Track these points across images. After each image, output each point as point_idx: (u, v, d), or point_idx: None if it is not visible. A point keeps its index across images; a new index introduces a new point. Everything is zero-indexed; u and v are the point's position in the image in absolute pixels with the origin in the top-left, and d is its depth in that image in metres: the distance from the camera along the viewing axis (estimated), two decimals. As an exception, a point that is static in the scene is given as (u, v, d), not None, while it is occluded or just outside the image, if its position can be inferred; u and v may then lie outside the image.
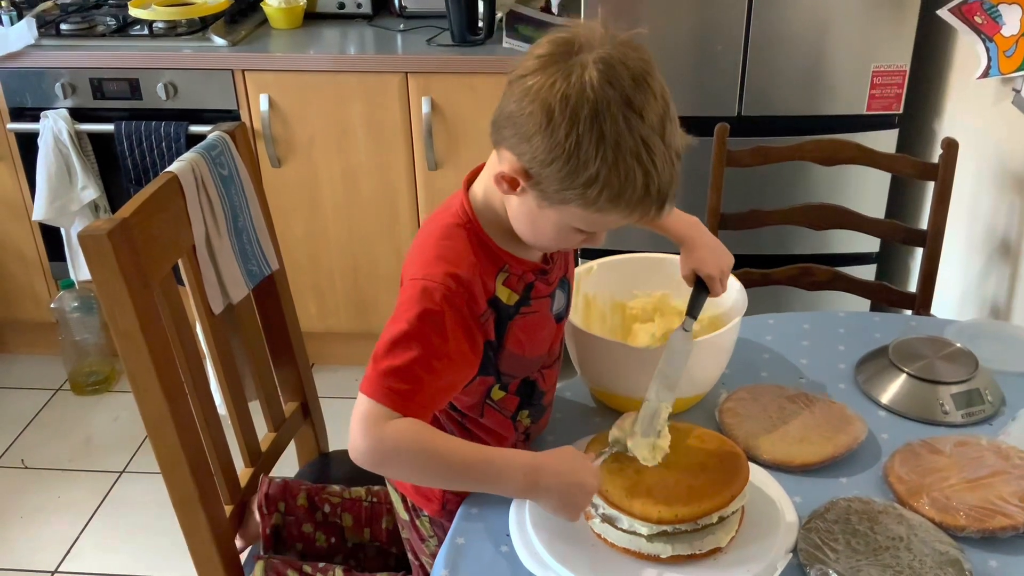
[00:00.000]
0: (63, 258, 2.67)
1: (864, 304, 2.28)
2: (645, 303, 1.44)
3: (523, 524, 1.12)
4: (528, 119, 0.97)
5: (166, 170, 1.34)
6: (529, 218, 1.06)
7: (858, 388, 1.38)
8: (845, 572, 1.03)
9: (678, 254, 1.45)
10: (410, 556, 1.37)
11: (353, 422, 1.03)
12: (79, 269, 2.64)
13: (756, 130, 2.23)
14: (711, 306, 1.40)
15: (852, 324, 1.54)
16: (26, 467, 2.51)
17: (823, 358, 1.45)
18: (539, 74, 0.97)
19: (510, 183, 1.03)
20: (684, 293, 1.42)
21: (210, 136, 1.46)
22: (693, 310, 1.27)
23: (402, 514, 1.32)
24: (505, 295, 1.11)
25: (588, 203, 0.99)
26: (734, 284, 1.36)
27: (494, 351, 1.12)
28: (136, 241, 1.21)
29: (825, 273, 1.95)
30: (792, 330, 1.52)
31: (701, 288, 1.29)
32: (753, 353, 1.46)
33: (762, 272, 1.95)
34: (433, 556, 1.26)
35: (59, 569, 2.19)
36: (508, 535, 1.12)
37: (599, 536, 1.09)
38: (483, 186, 1.12)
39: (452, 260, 1.07)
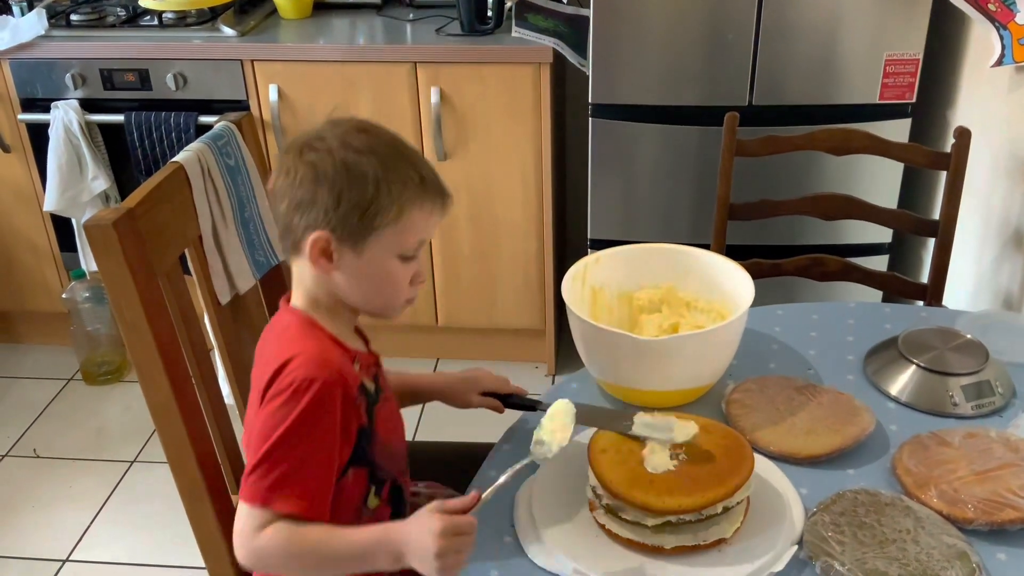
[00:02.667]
0: (74, 248, 2.69)
1: (875, 295, 2.26)
2: (652, 294, 1.43)
3: (528, 515, 1.12)
4: (300, 188, 1.06)
5: (172, 160, 1.34)
6: (359, 277, 1.10)
7: (867, 379, 1.37)
8: (851, 564, 1.02)
9: (687, 244, 1.44)
10: None
11: (234, 532, 1.05)
12: (90, 260, 2.66)
13: (767, 119, 2.21)
14: (718, 297, 1.39)
15: (861, 315, 1.53)
16: (38, 456, 2.53)
17: (832, 349, 1.44)
18: (290, 163, 1.07)
19: (324, 253, 1.07)
20: (691, 284, 1.42)
21: (216, 126, 1.46)
22: (534, 405, 1.31)
23: None
24: (368, 383, 1.13)
25: (389, 214, 1.06)
26: (742, 274, 1.35)
27: (367, 439, 1.12)
28: (142, 231, 1.21)
29: (836, 264, 1.94)
30: (801, 321, 1.51)
31: (501, 398, 1.33)
32: (761, 344, 1.45)
33: (772, 263, 1.94)
34: None
35: (70, 558, 2.21)
36: (512, 526, 1.12)
37: (603, 527, 1.09)
38: (302, 295, 1.13)
39: (319, 351, 1.07)
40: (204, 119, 2.44)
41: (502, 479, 1.05)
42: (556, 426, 1.09)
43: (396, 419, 1.21)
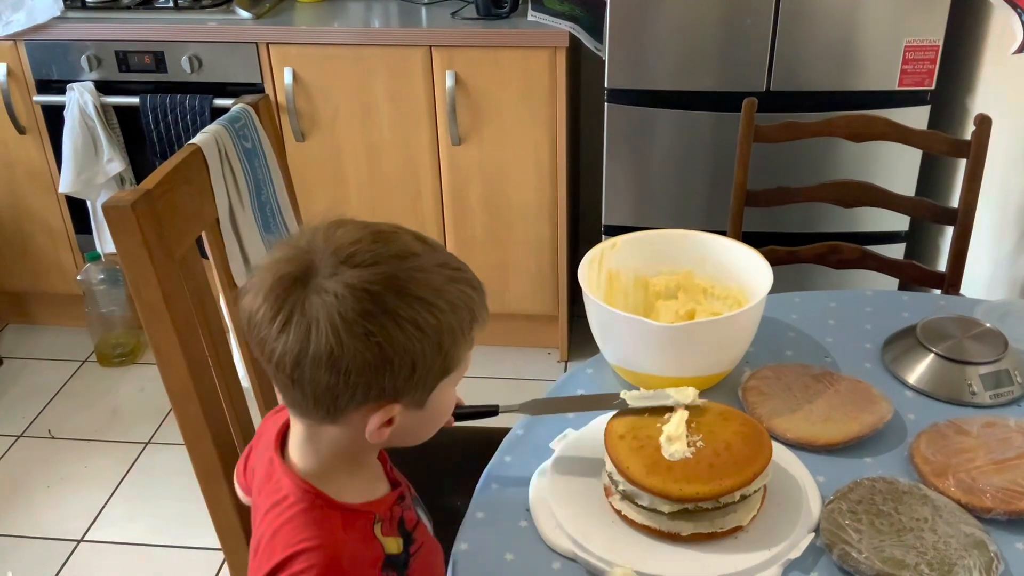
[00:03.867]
0: (89, 231, 2.69)
1: (892, 283, 2.25)
2: (669, 280, 1.43)
3: (543, 499, 1.12)
4: (356, 361, 0.83)
5: (189, 142, 1.34)
6: (416, 426, 0.94)
7: (885, 368, 1.36)
8: (868, 552, 1.02)
9: (704, 230, 1.44)
10: None
11: None
12: (105, 242, 2.66)
13: (785, 105, 2.20)
14: (735, 284, 1.39)
15: (879, 303, 1.52)
16: (53, 437, 2.54)
17: (849, 337, 1.43)
18: (296, 323, 0.82)
19: (387, 423, 0.90)
20: (709, 271, 1.42)
21: (233, 108, 1.46)
22: (492, 411, 1.21)
23: None
24: (393, 545, 0.95)
25: (464, 351, 0.91)
26: (760, 261, 1.35)
27: None
28: (160, 212, 1.21)
29: (853, 251, 1.93)
30: (818, 308, 1.50)
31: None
32: (778, 331, 1.45)
33: (788, 250, 1.93)
34: None
35: (85, 538, 2.22)
36: (528, 510, 1.12)
37: (619, 513, 1.09)
38: (314, 455, 0.93)
39: (332, 553, 0.88)
40: (219, 102, 2.44)
41: None
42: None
43: (434, 556, 1.04)
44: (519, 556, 1.07)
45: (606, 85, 2.27)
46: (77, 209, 2.70)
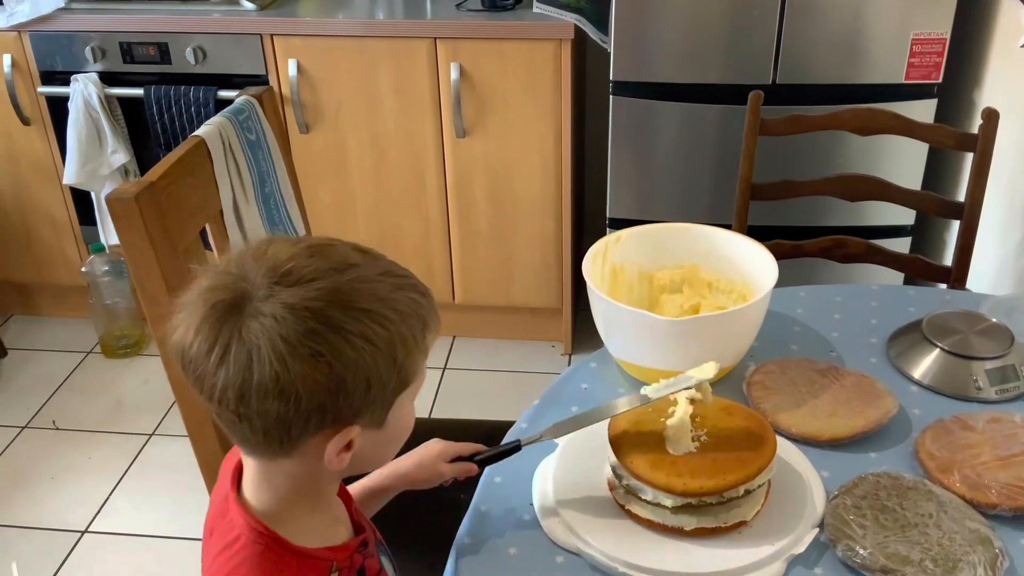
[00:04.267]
0: (94, 222, 2.70)
1: (897, 277, 2.25)
2: (673, 274, 1.42)
3: (546, 493, 1.12)
4: (306, 384, 0.78)
5: (193, 134, 1.34)
6: (377, 447, 0.90)
7: (890, 362, 1.35)
8: (872, 548, 1.01)
9: (709, 224, 1.43)
10: None
11: None
12: (109, 233, 2.67)
13: (791, 98, 2.19)
14: (740, 278, 1.38)
15: (885, 297, 1.51)
16: (57, 428, 2.55)
17: (855, 332, 1.42)
18: (235, 353, 0.77)
19: (346, 448, 0.85)
20: (714, 264, 1.41)
21: (237, 100, 1.46)
22: (513, 448, 1.15)
23: None
24: None
25: (419, 363, 0.86)
26: (765, 255, 1.34)
27: None
28: (163, 205, 1.21)
29: (858, 245, 1.92)
30: (823, 303, 1.50)
31: (467, 460, 1.16)
32: (783, 326, 1.44)
33: (794, 244, 1.92)
34: None
35: (90, 528, 2.23)
36: (531, 504, 1.12)
37: (623, 507, 1.09)
38: (270, 493, 0.89)
39: None
40: (223, 93, 2.43)
41: None
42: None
43: None
44: (522, 550, 1.07)
45: (611, 78, 2.26)
46: (81, 200, 2.70)
